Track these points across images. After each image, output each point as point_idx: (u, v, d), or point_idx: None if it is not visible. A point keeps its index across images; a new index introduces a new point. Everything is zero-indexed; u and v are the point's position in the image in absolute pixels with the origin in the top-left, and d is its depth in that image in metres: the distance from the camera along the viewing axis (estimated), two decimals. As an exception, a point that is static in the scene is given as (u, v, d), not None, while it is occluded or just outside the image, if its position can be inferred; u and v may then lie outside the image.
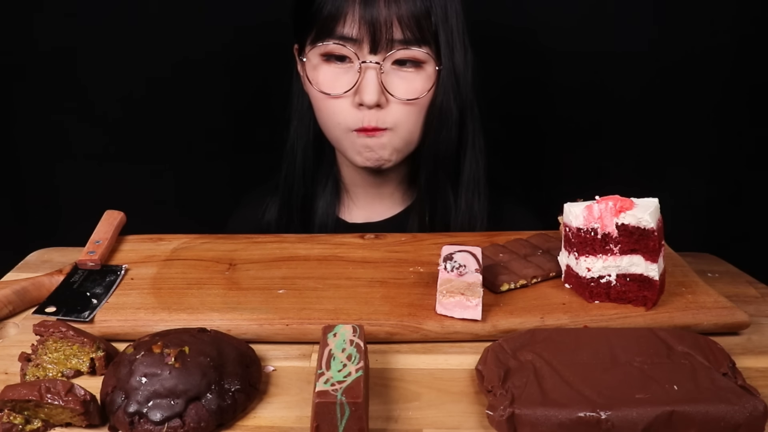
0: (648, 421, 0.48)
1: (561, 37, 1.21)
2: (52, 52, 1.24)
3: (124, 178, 1.31)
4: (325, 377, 0.50)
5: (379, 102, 0.83)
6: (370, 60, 0.83)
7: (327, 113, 0.87)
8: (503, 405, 0.49)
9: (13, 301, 0.69)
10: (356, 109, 0.85)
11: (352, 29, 0.82)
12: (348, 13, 0.81)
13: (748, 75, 1.21)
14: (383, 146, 0.86)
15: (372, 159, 0.87)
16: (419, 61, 0.84)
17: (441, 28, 0.84)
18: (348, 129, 0.86)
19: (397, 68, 0.84)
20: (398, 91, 0.84)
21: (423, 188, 0.92)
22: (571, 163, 1.29)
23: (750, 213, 1.28)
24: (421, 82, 0.85)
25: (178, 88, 1.26)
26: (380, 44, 0.82)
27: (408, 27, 0.82)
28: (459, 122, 0.89)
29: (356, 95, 0.84)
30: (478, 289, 0.62)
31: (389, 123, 0.85)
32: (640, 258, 0.64)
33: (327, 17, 0.82)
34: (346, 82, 0.84)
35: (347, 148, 0.88)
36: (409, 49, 0.83)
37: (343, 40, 0.82)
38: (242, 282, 0.71)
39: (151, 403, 0.51)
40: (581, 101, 1.25)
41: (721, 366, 0.54)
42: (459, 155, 0.91)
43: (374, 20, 0.80)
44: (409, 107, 0.85)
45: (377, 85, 0.83)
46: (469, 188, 0.91)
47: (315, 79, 0.86)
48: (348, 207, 0.99)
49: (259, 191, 1.03)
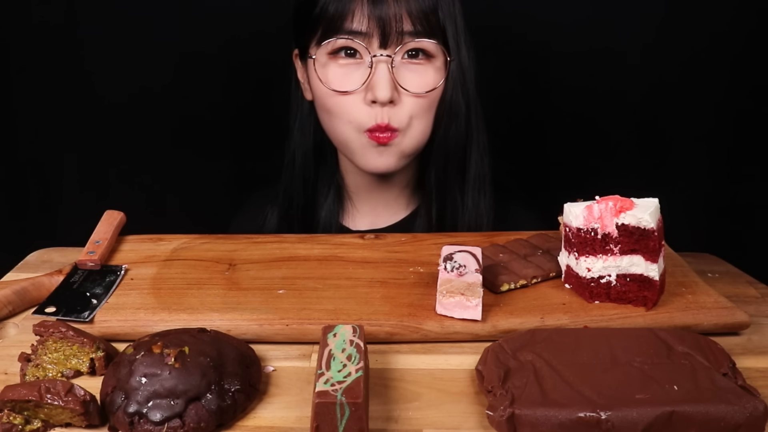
0: (648, 421, 0.48)
1: (562, 37, 1.21)
2: (52, 52, 1.24)
3: (124, 178, 1.31)
4: (325, 377, 0.50)
5: (392, 97, 0.82)
6: (380, 54, 0.82)
7: (337, 112, 0.86)
8: (503, 405, 0.49)
9: (13, 301, 0.69)
10: (368, 106, 0.83)
11: (361, 24, 0.81)
12: (356, 10, 0.81)
13: (749, 74, 1.21)
14: (392, 153, 0.86)
15: (380, 166, 0.86)
16: (429, 53, 0.84)
17: (448, 23, 0.84)
18: (359, 128, 0.84)
19: (407, 61, 0.83)
20: (410, 84, 0.83)
21: (433, 187, 0.91)
22: (572, 164, 1.29)
23: (750, 213, 1.28)
24: (433, 75, 0.85)
25: (179, 88, 1.26)
26: (390, 38, 0.81)
27: (417, 20, 0.81)
28: (466, 118, 0.88)
29: (368, 92, 0.83)
30: (478, 289, 0.62)
31: (403, 121, 0.84)
32: (641, 258, 0.64)
33: (333, 15, 0.82)
34: (356, 78, 0.83)
35: (355, 152, 0.87)
36: (418, 41, 0.82)
37: (351, 35, 0.81)
38: (242, 282, 0.71)
39: (150, 404, 0.51)
40: (581, 102, 1.25)
41: (722, 366, 0.54)
42: (465, 153, 0.90)
43: (383, 15, 0.80)
44: (421, 102, 0.84)
45: (390, 80, 0.82)
46: (475, 186, 0.91)
47: (324, 77, 0.85)
48: (351, 214, 0.97)
49: (259, 197, 1.02)
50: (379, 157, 0.86)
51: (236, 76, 1.26)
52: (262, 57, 1.13)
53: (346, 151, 0.90)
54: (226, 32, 1.22)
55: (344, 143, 0.88)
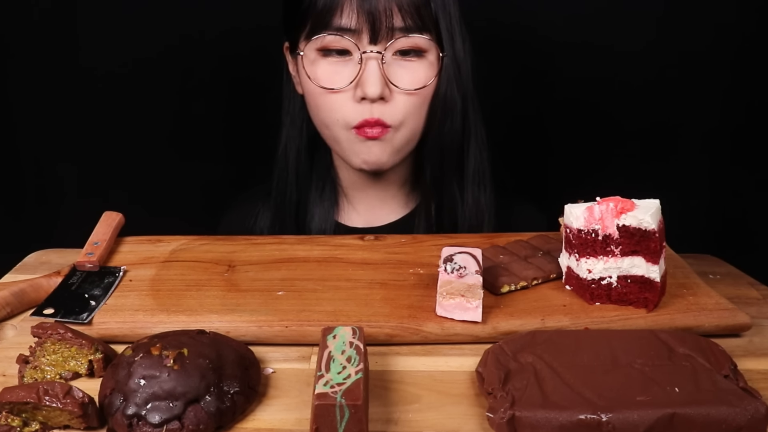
0: (649, 423, 0.48)
1: (563, 34, 1.21)
2: (50, 53, 1.23)
3: (123, 179, 1.31)
4: (324, 379, 0.49)
5: (383, 94, 0.80)
6: (370, 50, 0.80)
7: (325, 109, 0.84)
8: (503, 407, 0.49)
9: (11, 302, 0.69)
10: (358, 103, 0.82)
11: (350, 20, 0.79)
12: (345, 4, 0.79)
13: (753, 74, 1.21)
14: (383, 149, 0.84)
15: (370, 162, 0.85)
16: (421, 49, 0.82)
17: (441, 15, 0.82)
18: (347, 126, 0.83)
19: (398, 58, 0.81)
20: (402, 81, 0.81)
21: (429, 184, 0.89)
22: (572, 165, 1.28)
23: (752, 214, 1.28)
24: (425, 71, 0.82)
25: (179, 88, 1.26)
26: (380, 33, 0.79)
27: (408, 14, 0.79)
28: (462, 113, 0.87)
29: (357, 89, 0.81)
30: (478, 290, 0.62)
31: (395, 119, 0.82)
32: (641, 259, 0.64)
33: (322, 9, 0.80)
34: (346, 75, 0.81)
35: (345, 148, 0.85)
36: (410, 36, 0.80)
37: (340, 31, 0.79)
38: (241, 283, 0.71)
39: (149, 406, 0.51)
40: (581, 101, 1.25)
41: (723, 368, 0.53)
42: (462, 148, 0.89)
43: (373, 9, 0.78)
44: (414, 99, 0.82)
45: (380, 77, 0.80)
46: (474, 181, 0.89)
47: (313, 74, 0.83)
48: (347, 212, 0.96)
49: (250, 194, 1.00)
50: (368, 153, 0.84)
51: (236, 75, 1.26)
52: (262, 56, 1.12)
53: (336, 147, 0.88)
54: (221, 33, 1.22)
55: (333, 139, 0.86)
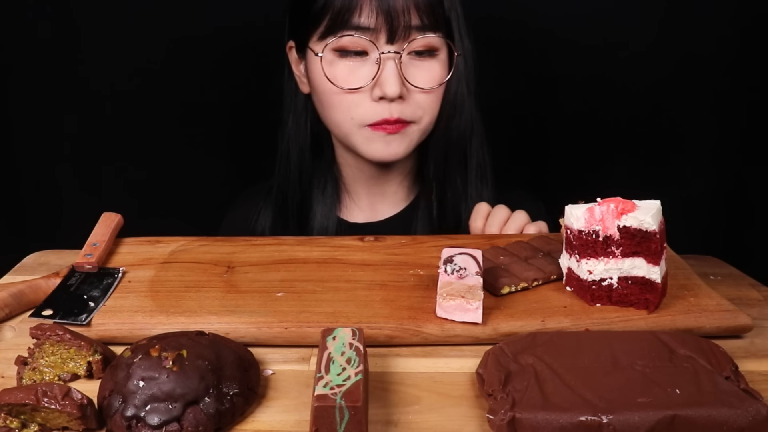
0: (650, 425, 0.48)
1: (563, 33, 1.21)
2: (49, 54, 1.23)
3: (122, 180, 1.31)
4: (324, 381, 0.49)
5: (401, 93, 0.83)
6: (388, 50, 0.82)
7: (340, 109, 0.85)
8: (504, 409, 0.49)
9: (10, 304, 0.69)
10: (375, 102, 0.84)
11: (369, 19, 0.81)
12: (364, 3, 0.81)
13: (753, 75, 1.21)
14: (401, 142, 0.86)
15: (388, 153, 0.86)
16: (434, 48, 0.84)
17: (452, 14, 0.85)
18: (363, 124, 0.85)
19: (413, 57, 0.84)
20: (418, 80, 0.84)
21: (434, 178, 0.91)
22: (572, 165, 1.28)
23: (753, 216, 1.28)
24: (439, 70, 0.85)
25: (178, 88, 1.26)
26: (398, 33, 0.81)
27: (425, 13, 0.82)
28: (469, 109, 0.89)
29: (375, 88, 0.83)
30: (478, 292, 0.61)
31: (415, 115, 0.85)
32: (642, 261, 0.64)
33: (341, 9, 0.81)
34: (363, 75, 0.83)
35: (359, 142, 0.87)
36: (425, 36, 0.83)
37: (359, 31, 0.81)
38: (240, 285, 0.71)
39: (148, 407, 0.51)
40: (581, 103, 1.25)
41: (724, 369, 0.53)
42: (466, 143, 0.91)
43: (391, 8, 0.80)
44: (428, 96, 0.85)
45: (398, 77, 0.82)
46: (477, 175, 0.91)
47: (331, 74, 0.84)
48: (349, 207, 0.97)
49: (251, 193, 1.01)
50: (386, 147, 0.86)
51: (236, 76, 1.26)
52: (261, 55, 1.12)
53: (347, 143, 0.89)
54: (221, 32, 1.22)
55: (345, 135, 0.88)
